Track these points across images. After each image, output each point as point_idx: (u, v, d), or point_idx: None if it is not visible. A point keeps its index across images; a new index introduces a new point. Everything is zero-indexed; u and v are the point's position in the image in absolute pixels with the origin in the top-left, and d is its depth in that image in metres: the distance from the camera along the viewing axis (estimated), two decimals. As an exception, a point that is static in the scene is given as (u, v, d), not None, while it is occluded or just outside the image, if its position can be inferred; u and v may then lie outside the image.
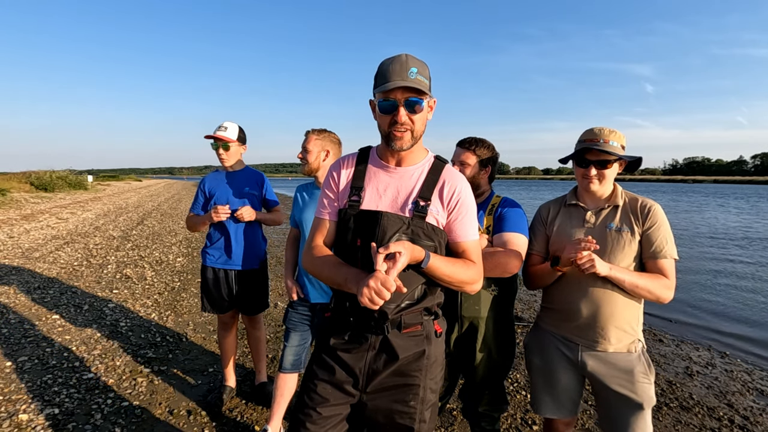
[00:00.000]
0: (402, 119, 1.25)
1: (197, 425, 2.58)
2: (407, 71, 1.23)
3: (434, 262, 1.24)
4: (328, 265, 1.34)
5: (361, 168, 1.39)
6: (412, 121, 1.27)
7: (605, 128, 1.67)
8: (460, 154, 1.91)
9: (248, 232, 2.66)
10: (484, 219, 1.83)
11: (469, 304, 1.81)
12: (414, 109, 1.25)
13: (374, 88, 1.30)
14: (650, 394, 1.63)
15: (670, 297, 1.61)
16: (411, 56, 1.26)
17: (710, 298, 6.12)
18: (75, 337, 3.81)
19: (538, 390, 1.86)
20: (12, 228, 10.11)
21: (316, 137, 2.23)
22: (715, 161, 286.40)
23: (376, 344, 1.32)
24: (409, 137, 1.28)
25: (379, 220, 1.28)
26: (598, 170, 1.67)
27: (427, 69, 1.29)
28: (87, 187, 27.96)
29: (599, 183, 1.69)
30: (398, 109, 1.25)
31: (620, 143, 1.66)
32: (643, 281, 1.58)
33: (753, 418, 2.95)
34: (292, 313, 2.28)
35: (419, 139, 1.32)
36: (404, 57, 1.25)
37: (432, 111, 1.36)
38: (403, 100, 1.24)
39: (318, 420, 1.31)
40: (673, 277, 1.61)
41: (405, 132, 1.27)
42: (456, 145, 1.98)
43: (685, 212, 21.04)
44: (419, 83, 1.24)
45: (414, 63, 1.25)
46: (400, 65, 1.24)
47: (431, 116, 1.37)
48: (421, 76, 1.25)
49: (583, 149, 1.69)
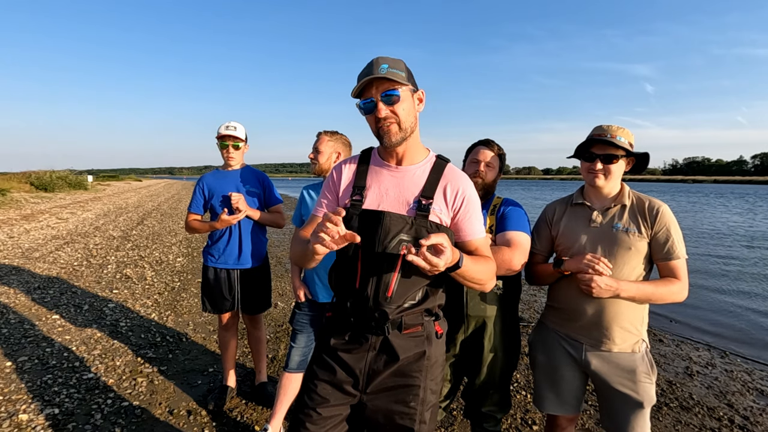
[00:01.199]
0: (382, 113, 1.26)
1: (197, 425, 2.58)
2: (378, 68, 1.24)
3: (466, 264, 1.23)
4: (300, 243, 1.40)
5: (363, 168, 1.40)
6: (395, 113, 1.27)
7: (614, 125, 1.69)
8: (485, 155, 1.89)
9: (250, 232, 2.65)
10: (487, 219, 1.84)
11: (475, 303, 1.81)
12: (391, 100, 1.25)
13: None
14: (651, 394, 1.65)
15: (684, 297, 1.62)
16: (383, 56, 1.27)
17: (711, 298, 6.12)
18: (75, 337, 3.81)
19: (541, 387, 1.87)
20: (12, 228, 10.11)
21: (329, 139, 2.27)
22: (715, 161, 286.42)
23: (376, 345, 1.32)
24: (396, 129, 1.28)
25: (382, 219, 1.27)
26: (603, 164, 1.66)
27: (401, 63, 1.29)
28: (87, 187, 27.96)
29: (605, 178, 1.68)
30: (377, 105, 1.26)
31: (628, 140, 1.66)
32: (656, 293, 1.59)
33: (753, 418, 2.95)
34: (300, 314, 2.27)
35: (411, 131, 1.31)
36: (375, 59, 1.26)
37: (422, 103, 1.36)
38: (379, 95, 1.25)
39: (318, 420, 1.31)
40: (685, 277, 1.62)
41: (391, 125, 1.27)
42: (476, 144, 1.96)
43: (685, 211, 21.04)
44: (390, 74, 1.24)
45: (385, 60, 1.26)
46: (370, 66, 1.25)
47: (422, 108, 1.37)
48: (394, 70, 1.25)
49: (589, 142, 1.69)
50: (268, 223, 2.72)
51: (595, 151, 1.68)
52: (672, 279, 1.62)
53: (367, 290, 1.28)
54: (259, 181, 2.72)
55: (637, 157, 1.72)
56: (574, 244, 1.73)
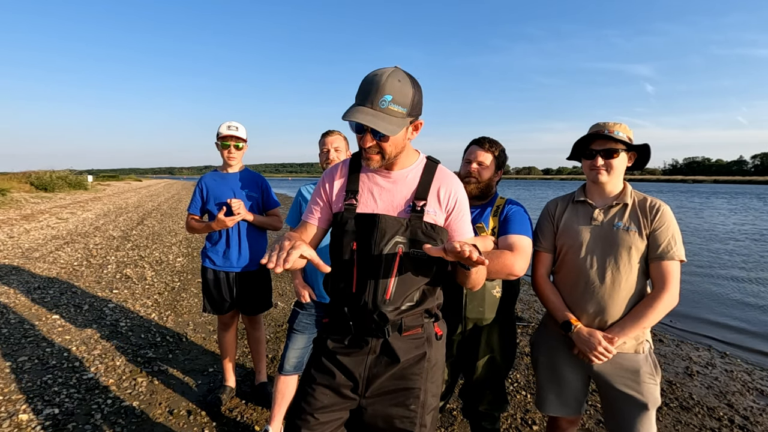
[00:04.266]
0: (367, 144, 1.23)
1: (197, 425, 2.58)
2: (380, 99, 1.15)
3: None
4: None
5: (354, 173, 1.38)
6: (381, 146, 1.24)
7: (610, 122, 1.69)
8: (477, 154, 1.86)
9: (249, 234, 2.65)
10: (490, 220, 1.82)
11: (474, 305, 1.80)
12: (380, 137, 1.21)
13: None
14: (656, 395, 1.63)
15: (676, 303, 1.60)
16: (392, 78, 1.16)
17: (711, 298, 6.12)
18: (75, 337, 3.81)
19: (543, 388, 1.86)
20: (12, 228, 10.11)
21: (342, 137, 2.30)
22: (715, 161, 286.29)
23: (376, 348, 1.31)
24: (378, 159, 1.26)
25: (377, 222, 1.26)
26: (605, 160, 1.66)
27: (409, 93, 1.19)
28: (87, 187, 27.94)
29: (607, 174, 1.67)
30: (365, 134, 1.22)
31: (626, 134, 1.66)
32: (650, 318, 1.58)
33: (753, 418, 2.95)
34: (302, 315, 2.24)
35: (395, 157, 1.29)
36: (383, 78, 1.16)
37: (417, 132, 1.31)
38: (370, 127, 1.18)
39: (315, 426, 1.28)
40: (674, 282, 1.58)
41: (374, 155, 1.25)
42: (470, 144, 1.94)
43: (685, 211, 21.03)
44: (389, 114, 1.16)
45: (391, 88, 1.16)
46: (375, 89, 1.15)
47: (415, 136, 1.33)
48: (396, 105, 1.17)
49: (588, 139, 1.69)
50: (265, 227, 2.71)
51: (594, 148, 1.67)
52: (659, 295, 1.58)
53: (364, 294, 1.27)
54: (257, 184, 2.71)
55: (639, 151, 1.71)
56: (575, 241, 1.72)
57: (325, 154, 2.26)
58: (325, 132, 2.32)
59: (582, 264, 1.69)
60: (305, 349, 2.26)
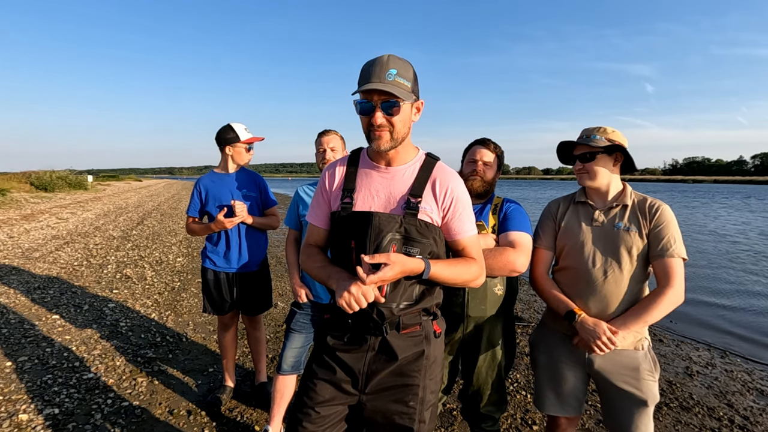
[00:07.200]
0: (378, 121, 1.24)
1: (197, 425, 2.58)
2: (386, 73, 1.21)
3: (435, 270, 1.24)
4: (316, 262, 1.39)
5: (352, 170, 1.39)
6: (391, 123, 1.26)
7: (595, 126, 1.73)
8: (482, 153, 1.90)
9: (249, 234, 2.65)
10: (490, 218, 1.84)
11: (476, 304, 1.80)
12: (391, 111, 1.24)
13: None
14: (654, 392, 1.65)
15: (681, 300, 1.60)
16: (393, 57, 1.24)
17: (710, 298, 6.12)
18: (75, 337, 3.81)
19: (542, 387, 1.86)
20: (12, 228, 10.11)
21: (338, 136, 2.30)
22: (715, 161, 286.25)
23: (375, 345, 1.32)
24: (388, 137, 1.27)
25: (371, 220, 1.27)
26: (582, 164, 1.73)
27: (410, 70, 1.27)
28: (87, 187, 27.95)
29: (588, 177, 1.73)
30: (375, 111, 1.24)
31: (605, 137, 1.69)
32: (653, 313, 1.57)
33: (753, 418, 2.95)
34: (300, 314, 2.24)
35: (402, 141, 1.31)
36: (385, 58, 1.23)
37: (419, 113, 1.35)
38: (380, 102, 1.23)
39: (317, 419, 1.31)
40: (680, 279, 1.58)
41: (383, 133, 1.26)
42: (473, 144, 1.97)
43: (685, 211, 21.03)
44: (397, 85, 1.22)
45: (395, 64, 1.23)
46: (380, 67, 1.22)
47: (418, 118, 1.35)
48: (402, 78, 1.24)
49: (568, 147, 1.78)
50: (263, 227, 2.71)
51: (574, 153, 1.76)
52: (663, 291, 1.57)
53: None
54: (255, 184, 2.71)
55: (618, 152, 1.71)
56: (576, 242, 1.73)
57: (322, 153, 2.25)
58: (321, 131, 2.31)
59: (583, 264, 1.70)
60: (303, 349, 2.27)
